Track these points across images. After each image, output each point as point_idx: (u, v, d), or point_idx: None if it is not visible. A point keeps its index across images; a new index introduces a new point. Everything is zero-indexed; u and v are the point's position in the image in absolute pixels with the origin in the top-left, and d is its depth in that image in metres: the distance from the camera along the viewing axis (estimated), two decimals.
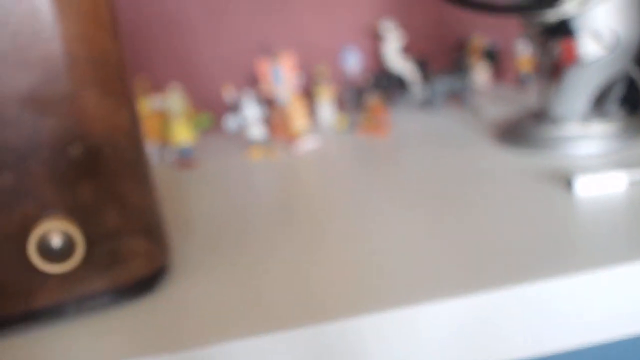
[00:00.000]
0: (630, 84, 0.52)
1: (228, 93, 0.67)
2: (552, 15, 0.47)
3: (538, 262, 0.30)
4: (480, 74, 0.81)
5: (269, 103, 0.67)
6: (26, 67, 0.28)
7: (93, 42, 0.30)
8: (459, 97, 0.73)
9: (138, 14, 0.75)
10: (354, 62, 0.73)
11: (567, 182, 0.42)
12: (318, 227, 0.40)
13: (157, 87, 0.76)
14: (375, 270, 0.32)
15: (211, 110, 0.78)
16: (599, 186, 0.39)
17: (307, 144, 0.63)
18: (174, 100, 0.61)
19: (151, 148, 0.68)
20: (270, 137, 0.67)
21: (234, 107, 0.63)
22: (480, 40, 0.81)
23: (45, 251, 0.28)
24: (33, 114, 0.29)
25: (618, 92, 0.51)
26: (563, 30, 0.47)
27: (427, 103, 0.73)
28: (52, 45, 0.28)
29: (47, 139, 0.29)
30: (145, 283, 0.32)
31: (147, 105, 0.66)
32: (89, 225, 0.30)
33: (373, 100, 0.65)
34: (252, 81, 0.79)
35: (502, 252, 0.32)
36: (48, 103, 0.29)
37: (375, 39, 0.81)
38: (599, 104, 0.51)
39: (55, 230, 0.28)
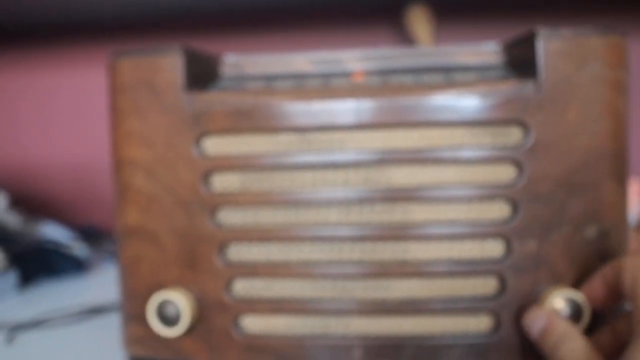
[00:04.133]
0: None
1: None
2: None
3: None
4: None
5: None
6: (570, 155, 0.33)
7: (617, 139, 0.33)
8: None
9: None
10: None
11: None
12: None
13: None
14: None
15: None
16: None
17: None
18: None
19: None
20: None
21: None
22: None
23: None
24: (564, 193, 0.33)
25: None
26: None
27: None
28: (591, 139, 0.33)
29: (570, 217, 0.33)
30: None
31: None
32: None
33: None
34: None
35: None
36: (577, 187, 0.33)
37: None
38: None
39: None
